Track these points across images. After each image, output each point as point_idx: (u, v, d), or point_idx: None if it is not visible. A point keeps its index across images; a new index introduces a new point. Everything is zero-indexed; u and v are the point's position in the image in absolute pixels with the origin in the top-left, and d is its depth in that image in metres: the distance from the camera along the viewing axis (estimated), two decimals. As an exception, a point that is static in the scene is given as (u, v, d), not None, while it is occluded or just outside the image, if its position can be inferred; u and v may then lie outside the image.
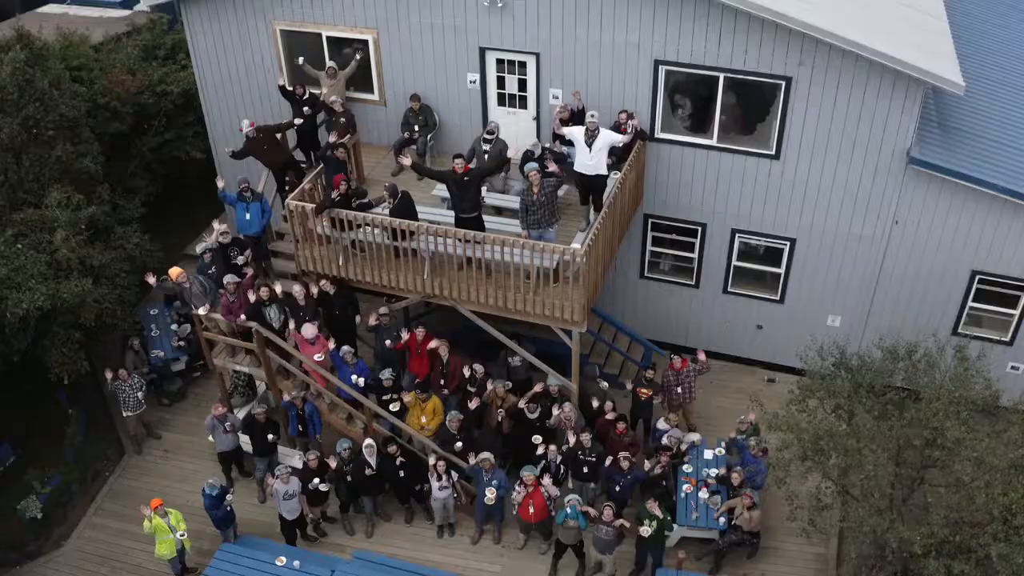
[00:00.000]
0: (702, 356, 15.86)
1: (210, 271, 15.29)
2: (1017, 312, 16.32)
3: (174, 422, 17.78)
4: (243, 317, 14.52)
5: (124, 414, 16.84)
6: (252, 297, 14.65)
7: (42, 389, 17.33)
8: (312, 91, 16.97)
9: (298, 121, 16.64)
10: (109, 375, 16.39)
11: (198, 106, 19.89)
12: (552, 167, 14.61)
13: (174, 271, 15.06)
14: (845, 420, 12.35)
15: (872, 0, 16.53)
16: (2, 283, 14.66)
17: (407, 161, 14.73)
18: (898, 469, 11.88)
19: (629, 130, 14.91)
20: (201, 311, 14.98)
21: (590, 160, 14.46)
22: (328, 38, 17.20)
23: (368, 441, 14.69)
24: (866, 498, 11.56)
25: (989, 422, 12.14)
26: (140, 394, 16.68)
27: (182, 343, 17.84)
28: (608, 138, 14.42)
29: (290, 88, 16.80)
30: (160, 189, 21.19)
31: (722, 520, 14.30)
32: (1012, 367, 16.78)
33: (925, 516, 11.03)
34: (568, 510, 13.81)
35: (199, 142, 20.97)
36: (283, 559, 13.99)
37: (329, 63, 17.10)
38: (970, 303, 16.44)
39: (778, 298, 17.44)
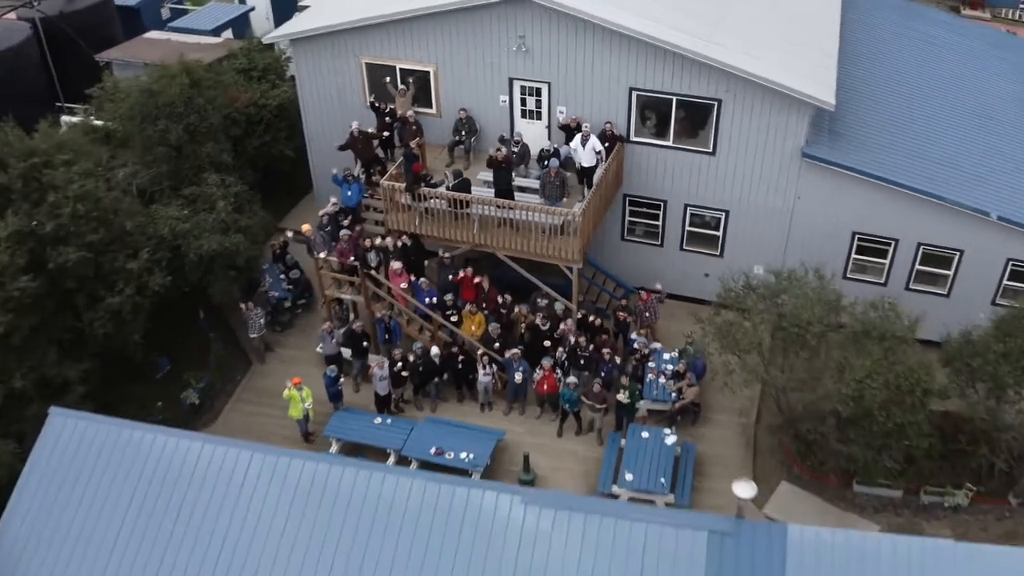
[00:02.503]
0: (659, 286, 22.70)
1: (327, 228, 22.20)
2: (887, 262, 22.76)
3: (286, 342, 24.31)
4: (352, 259, 21.45)
5: (250, 335, 23.42)
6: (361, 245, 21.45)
7: (188, 320, 24.00)
8: (391, 106, 23.85)
9: (385, 134, 23.40)
10: (243, 306, 23.21)
11: (288, 115, 26.48)
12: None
13: (305, 227, 22.10)
14: (749, 319, 19.31)
15: (780, 44, 23.31)
16: (188, 234, 21.60)
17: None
18: (774, 341, 18.88)
19: (607, 134, 21.89)
20: (321, 255, 21.92)
21: (584, 156, 21.51)
22: (400, 69, 23.98)
23: (435, 350, 21.43)
24: (749, 353, 18.53)
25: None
26: (262, 320, 23.34)
27: (289, 287, 24.68)
28: (595, 143, 21.42)
29: (377, 105, 23.67)
30: (260, 178, 27.97)
31: (673, 395, 21.14)
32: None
33: (787, 367, 18.05)
34: (567, 391, 20.54)
35: (290, 143, 27.38)
36: (379, 419, 20.93)
37: (401, 85, 23.93)
38: (854, 256, 22.82)
39: (719, 253, 23.93)
